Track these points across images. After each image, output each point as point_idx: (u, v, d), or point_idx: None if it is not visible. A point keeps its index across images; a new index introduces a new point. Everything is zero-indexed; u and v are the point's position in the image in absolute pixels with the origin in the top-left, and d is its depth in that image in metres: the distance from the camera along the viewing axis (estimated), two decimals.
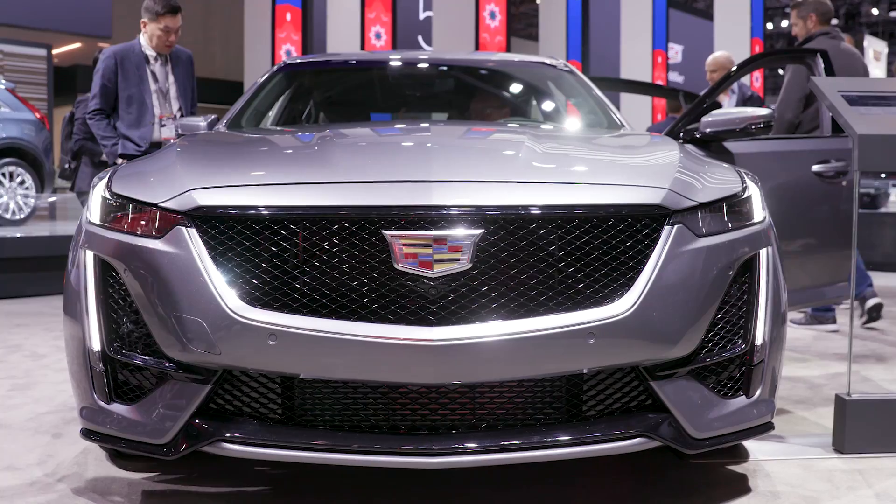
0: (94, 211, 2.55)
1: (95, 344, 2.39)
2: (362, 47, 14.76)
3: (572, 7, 19.13)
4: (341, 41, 14.79)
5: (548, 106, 4.58)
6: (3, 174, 9.78)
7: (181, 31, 5.32)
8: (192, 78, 5.54)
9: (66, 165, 6.89)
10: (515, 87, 4.77)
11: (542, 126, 3.97)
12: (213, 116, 4.00)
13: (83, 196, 6.68)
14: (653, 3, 20.66)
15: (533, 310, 2.22)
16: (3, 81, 10.63)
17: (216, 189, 2.35)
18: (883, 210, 14.58)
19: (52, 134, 10.73)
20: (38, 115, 10.32)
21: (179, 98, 5.36)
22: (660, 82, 20.23)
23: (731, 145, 4.06)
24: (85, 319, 2.41)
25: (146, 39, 5.29)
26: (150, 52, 5.29)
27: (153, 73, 5.29)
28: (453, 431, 2.27)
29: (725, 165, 2.85)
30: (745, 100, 7.63)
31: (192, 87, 5.52)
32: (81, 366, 2.45)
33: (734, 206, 2.54)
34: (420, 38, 16.91)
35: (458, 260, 2.19)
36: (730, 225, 2.49)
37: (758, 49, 20.85)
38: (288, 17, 14.39)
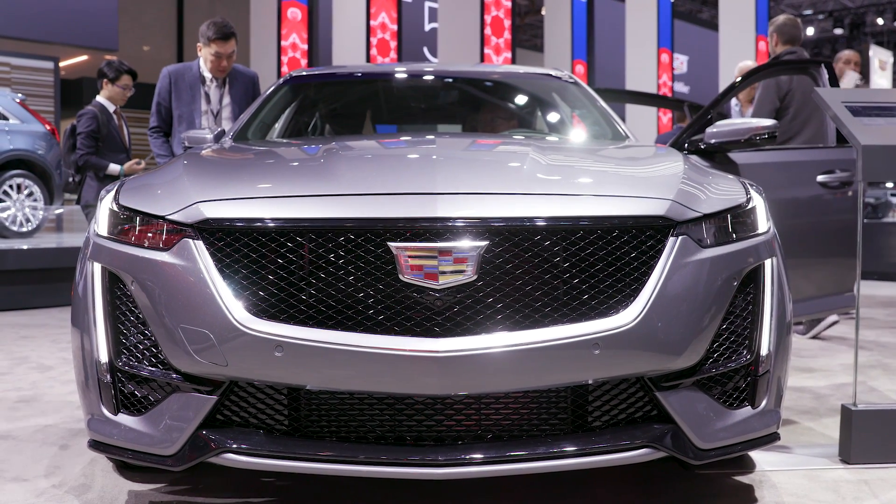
0: (101, 223, 2.56)
1: (103, 355, 2.41)
2: (367, 59, 14.80)
3: (577, 18, 19.17)
4: (346, 52, 14.84)
5: (552, 117, 4.59)
6: (11, 186, 9.81)
7: (235, 54, 5.34)
8: (254, 98, 5.45)
9: (71, 179, 6.92)
10: (520, 99, 4.78)
11: (547, 138, 3.98)
12: (219, 129, 4.02)
13: (88, 209, 6.71)
14: (657, 13, 20.68)
15: (538, 321, 2.23)
16: (16, 94, 10.66)
17: (222, 202, 2.37)
18: (890, 219, 14.58)
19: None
20: (48, 127, 10.34)
21: (232, 120, 5.33)
22: (665, 77, 20.23)
23: (736, 156, 4.07)
24: (92, 331, 2.43)
25: (202, 61, 5.34)
26: (207, 74, 5.33)
27: (206, 95, 5.32)
28: (459, 442, 2.28)
29: (730, 176, 2.86)
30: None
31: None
32: (89, 377, 2.46)
33: (738, 217, 2.55)
34: (425, 50, 16.97)
35: (464, 271, 2.20)
36: (734, 236, 2.50)
37: (763, 46, 20.86)
38: (295, 15, 14.42)
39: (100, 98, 6.69)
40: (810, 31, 35.45)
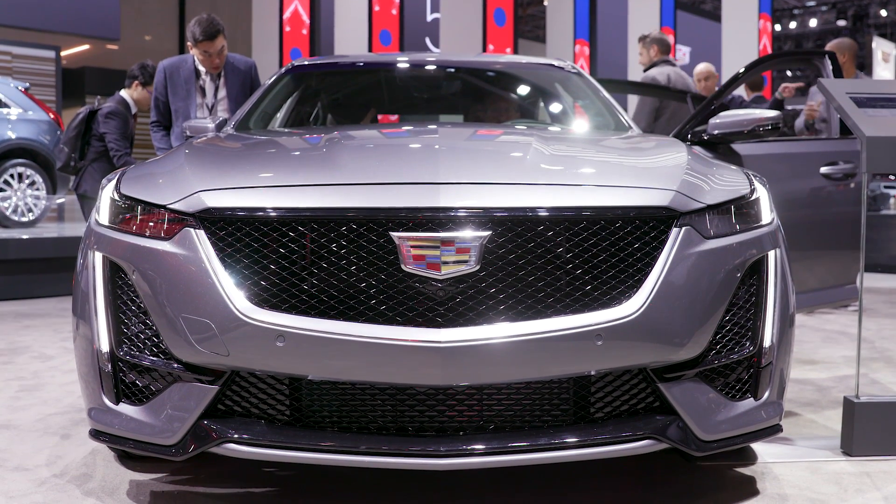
0: (103, 212, 2.56)
1: (104, 345, 2.40)
2: (370, 49, 14.77)
3: (580, 9, 19.12)
4: (348, 30, 14.81)
5: (555, 108, 4.58)
6: (12, 175, 9.79)
7: (225, 49, 5.31)
8: (252, 87, 5.41)
9: (72, 163, 6.87)
10: (523, 89, 4.77)
11: (550, 128, 3.97)
12: (221, 118, 4.00)
13: (85, 200, 6.69)
14: (660, 4, 20.63)
15: (541, 312, 2.22)
16: (23, 83, 10.63)
17: (224, 191, 2.36)
18: (891, 211, 14.59)
19: None
20: (51, 116, 10.31)
21: (228, 112, 5.29)
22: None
23: (739, 147, 4.06)
24: (94, 320, 2.42)
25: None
26: (202, 68, 5.31)
27: (202, 88, 5.30)
28: (461, 433, 2.28)
29: (733, 167, 2.85)
30: (738, 106, 7.79)
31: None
32: (90, 367, 2.46)
33: (742, 208, 2.54)
34: (427, 40, 16.92)
35: (466, 262, 2.19)
36: (738, 227, 2.49)
37: (765, 24, 20.82)
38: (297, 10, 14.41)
39: (125, 94, 6.57)
40: (813, 22, 35.38)
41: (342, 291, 2.23)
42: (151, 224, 2.40)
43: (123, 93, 6.59)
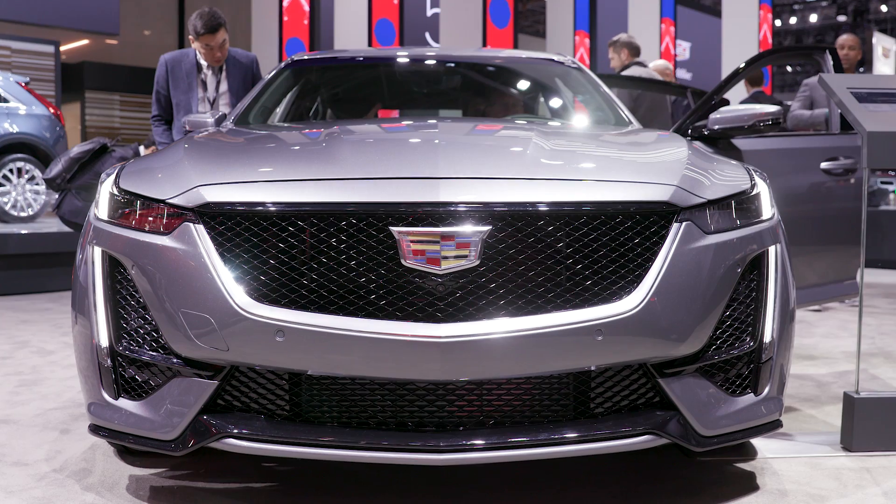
0: (102, 207, 2.55)
1: (103, 340, 2.40)
2: (369, 44, 14.75)
3: (580, 2, 19.09)
4: (349, 39, 14.80)
5: (555, 103, 4.57)
6: (12, 170, 9.76)
7: (227, 42, 5.29)
8: (254, 82, 5.36)
9: (58, 181, 6.87)
10: (523, 84, 4.76)
11: (550, 123, 3.96)
12: (220, 113, 3.99)
13: (65, 222, 6.78)
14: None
15: (541, 307, 2.22)
16: (17, 76, 10.61)
17: (224, 185, 2.36)
18: (891, 207, 14.60)
19: (65, 129, 10.69)
20: (52, 111, 10.28)
21: (230, 107, 5.28)
22: (668, 40, 20.13)
23: (740, 142, 4.05)
24: (93, 315, 2.42)
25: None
26: (203, 62, 5.29)
27: (203, 82, 5.29)
28: (460, 428, 2.27)
29: (734, 162, 2.84)
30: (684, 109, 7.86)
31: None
32: (89, 362, 2.46)
33: (743, 204, 2.53)
34: (427, 35, 16.89)
35: (466, 256, 2.18)
36: (738, 222, 2.49)
37: (765, 15, 20.78)
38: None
39: (142, 151, 6.95)
40: (813, 17, 35.36)
41: (342, 286, 2.22)
42: (151, 219, 2.39)
43: (142, 149, 6.86)
